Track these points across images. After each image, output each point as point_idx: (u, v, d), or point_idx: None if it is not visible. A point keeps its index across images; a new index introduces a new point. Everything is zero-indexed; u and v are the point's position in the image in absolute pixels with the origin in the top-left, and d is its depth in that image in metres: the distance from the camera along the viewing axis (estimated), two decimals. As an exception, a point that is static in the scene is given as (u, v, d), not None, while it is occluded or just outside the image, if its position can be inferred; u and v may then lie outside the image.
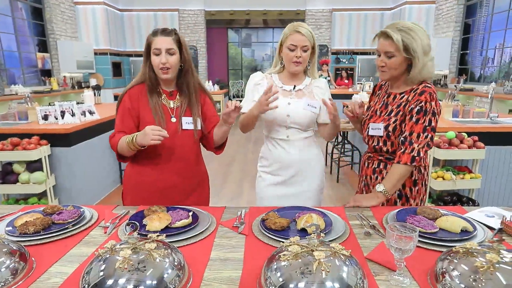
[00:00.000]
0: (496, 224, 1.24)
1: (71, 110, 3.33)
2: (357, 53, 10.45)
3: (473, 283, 0.81)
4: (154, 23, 10.12)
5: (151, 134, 1.39)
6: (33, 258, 1.04)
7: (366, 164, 1.71)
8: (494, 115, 3.55)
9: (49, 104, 3.63)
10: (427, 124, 1.47)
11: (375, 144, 1.62)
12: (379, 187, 1.48)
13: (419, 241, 1.07)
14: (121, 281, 0.81)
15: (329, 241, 1.10)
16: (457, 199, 3.03)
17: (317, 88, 1.77)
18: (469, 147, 2.89)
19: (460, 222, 1.17)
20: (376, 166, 1.65)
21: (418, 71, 1.48)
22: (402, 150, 1.48)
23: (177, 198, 1.65)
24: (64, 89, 7.72)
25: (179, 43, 1.57)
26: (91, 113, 3.61)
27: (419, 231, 1.09)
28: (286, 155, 1.75)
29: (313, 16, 10.16)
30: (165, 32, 1.54)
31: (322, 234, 0.93)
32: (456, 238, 1.12)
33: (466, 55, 8.08)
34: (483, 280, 0.80)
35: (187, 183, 1.69)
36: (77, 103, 3.50)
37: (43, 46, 7.84)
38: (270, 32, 12.77)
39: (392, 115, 1.55)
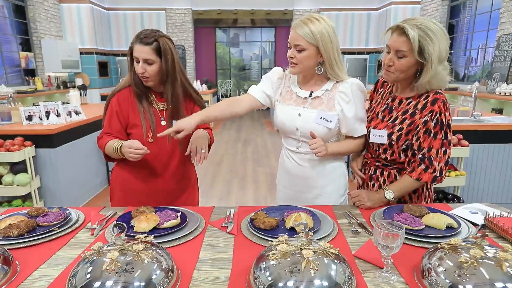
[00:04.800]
0: (480, 220, 1.27)
1: (56, 110, 3.27)
2: (344, 53, 10.53)
3: (458, 278, 0.83)
4: (141, 22, 10.02)
5: (128, 153, 1.42)
6: (17, 262, 1.02)
7: (363, 170, 1.63)
8: (478, 114, 3.63)
9: (33, 105, 3.56)
10: (444, 138, 1.36)
11: (376, 149, 1.51)
12: (389, 195, 1.41)
13: (405, 238, 1.08)
14: (109, 283, 0.80)
15: (318, 239, 1.11)
16: (442, 196, 3.09)
17: (341, 94, 1.45)
18: (454, 145, 2.95)
19: (445, 219, 1.19)
20: (372, 173, 1.56)
21: (427, 79, 1.32)
22: (424, 168, 1.37)
23: (167, 200, 1.63)
24: (49, 89, 7.58)
25: (160, 51, 1.47)
26: (77, 113, 3.56)
27: (406, 228, 1.11)
28: (297, 168, 1.55)
29: (301, 16, 10.15)
30: (143, 40, 1.44)
31: (310, 233, 0.93)
32: (442, 235, 1.14)
33: (450, 55, 8.23)
34: (467, 275, 0.82)
35: (177, 185, 1.68)
36: (63, 103, 3.44)
37: (27, 45, 7.67)
38: (258, 32, 12.78)
39: (397, 122, 1.43)
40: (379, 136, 1.45)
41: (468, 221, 1.28)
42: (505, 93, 5.13)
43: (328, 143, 1.49)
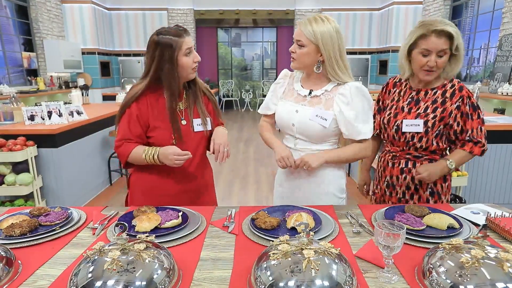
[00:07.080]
0: (481, 221, 1.27)
1: (58, 110, 3.28)
2: (346, 53, 10.50)
3: (459, 279, 0.82)
4: (143, 23, 10.04)
5: (174, 160, 1.42)
6: (19, 261, 1.02)
7: (391, 164, 1.65)
8: (480, 114, 3.61)
9: (36, 104, 3.57)
10: (478, 118, 1.53)
11: (408, 140, 1.57)
12: (451, 165, 1.54)
13: (406, 238, 1.08)
14: (110, 282, 0.80)
15: (319, 239, 1.11)
16: (444, 196, 3.08)
17: (340, 96, 1.45)
18: (456, 146, 2.94)
19: (446, 219, 1.19)
20: (404, 166, 1.61)
21: (458, 67, 1.51)
22: (475, 142, 1.54)
23: (190, 200, 1.60)
24: (51, 89, 7.60)
25: None
26: (79, 113, 3.56)
27: (407, 229, 1.11)
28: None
29: (303, 16, 10.20)
30: (187, 31, 1.49)
31: (311, 233, 0.93)
32: (443, 235, 1.14)
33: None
34: (469, 275, 0.82)
35: (198, 185, 1.65)
36: (65, 103, 3.45)
37: (29, 45, 7.70)
38: (259, 32, 12.76)
39: (429, 111, 1.54)
40: (413, 126, 1.55)
41: (470, 221, 1.28)
42: (507, 93, 5.11)
43: (324, 151, 1.48)
